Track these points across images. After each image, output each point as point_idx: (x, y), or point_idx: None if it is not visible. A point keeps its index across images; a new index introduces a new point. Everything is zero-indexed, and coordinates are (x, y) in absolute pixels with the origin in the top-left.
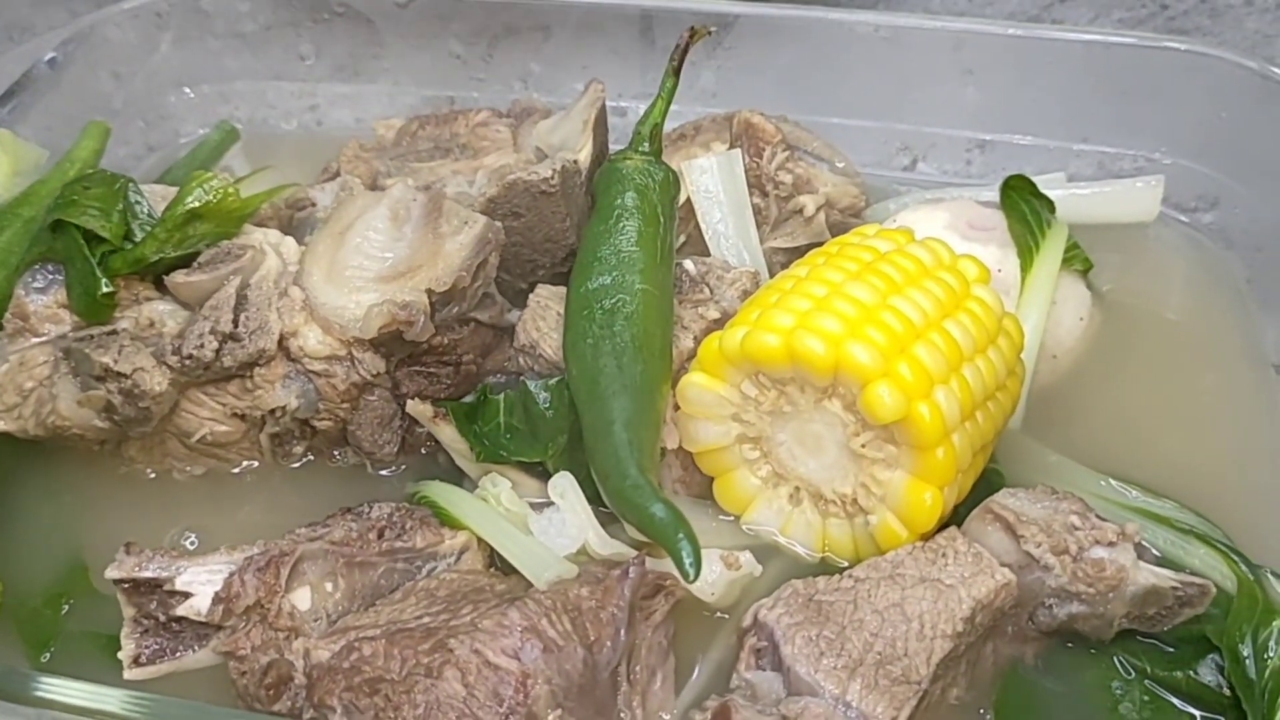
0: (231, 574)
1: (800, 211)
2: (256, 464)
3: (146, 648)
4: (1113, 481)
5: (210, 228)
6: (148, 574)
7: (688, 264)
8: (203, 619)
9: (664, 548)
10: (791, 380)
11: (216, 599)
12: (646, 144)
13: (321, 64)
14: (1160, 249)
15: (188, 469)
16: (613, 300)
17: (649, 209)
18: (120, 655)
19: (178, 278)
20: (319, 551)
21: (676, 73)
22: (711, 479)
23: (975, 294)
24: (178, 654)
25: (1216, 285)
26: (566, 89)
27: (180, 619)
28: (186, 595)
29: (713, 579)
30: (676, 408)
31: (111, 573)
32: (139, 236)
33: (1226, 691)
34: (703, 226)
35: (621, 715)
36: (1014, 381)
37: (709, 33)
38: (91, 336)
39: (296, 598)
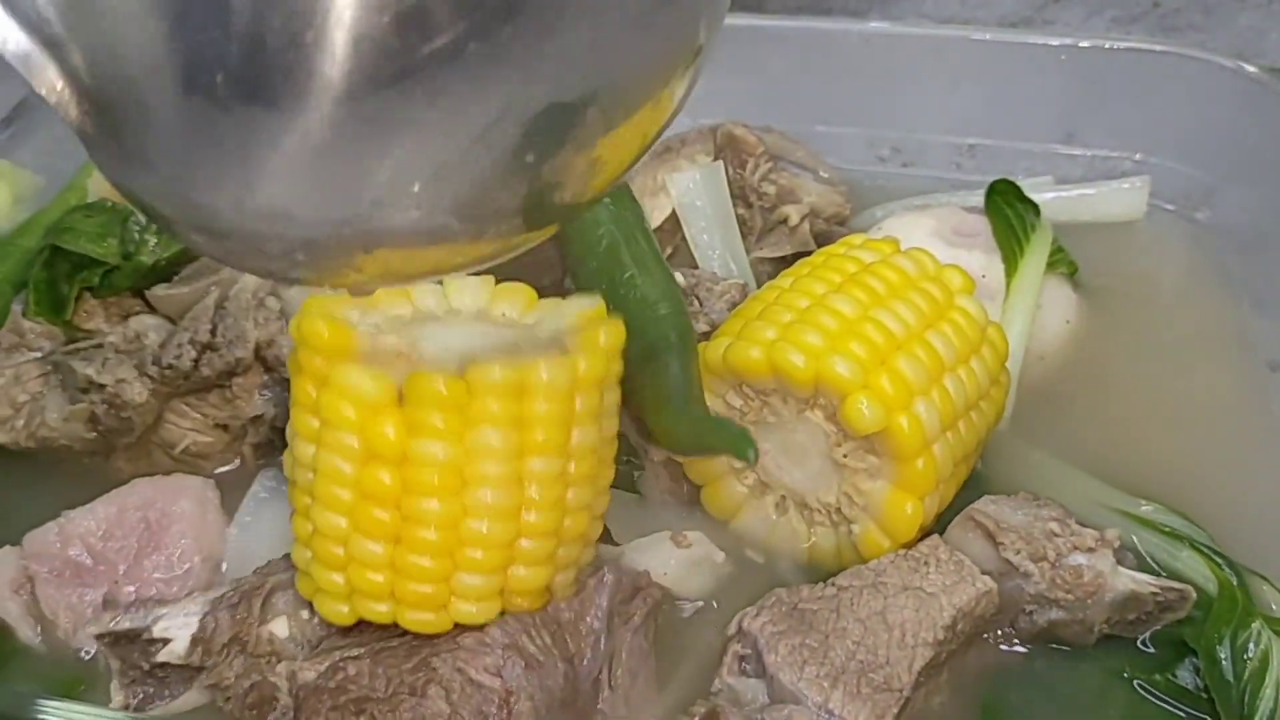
0: (205, 614)
1: (785, 221)
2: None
3: (135, 697)
4: (1098, 483)
5: None
6: (124, 626)
7: (677, 276)
8: (183, 662)
9: (724, 449)
10: (774, 391)
11: (194, 641)
12: None
13: None
14: (1150, 248)
15: None
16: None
17: (603, 211)
18: (111, 706)
19: (159, 291)
20: (290, 581)
21: None
22: (699, 490)
23: (959, 304)
24: (166, 698)
25: (1207, 284)
26: None
27: (164, 665)
28: (165, 641)
29: (664, 559)
30: None
31: (90, 629)
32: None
33: (1205, 694)
34: (689, 239)
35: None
36: (998, 390)
37: None
38: (79, 350)
39: (274, 627)
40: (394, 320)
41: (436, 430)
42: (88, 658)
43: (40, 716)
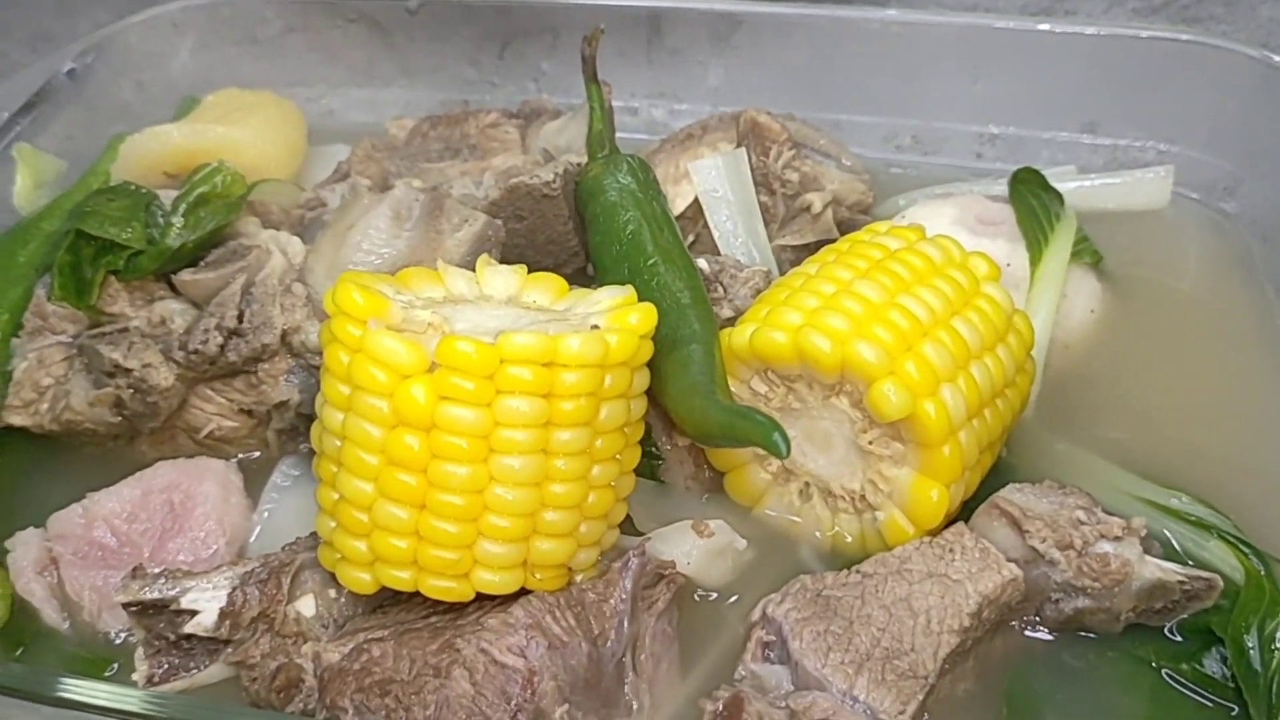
0: (234, 589)
1: (808, 209)
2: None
3: (159, 668)
4: (1124, 473)
5: (218, 208)
6: (153, 596)
7: (701, 263)
8: (211, 635)
9: (755, 442)
10: (800, 377)
11: (222, 614)
12: (601, 152)
13: (337, 69)
14: (1173, 238)
15: None
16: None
17: (628, 197)
18: (134, 677)
19: (185, 276)
20: (318, 560)
21: (594, 79)
22: (722, 476)
23: (985, 292)
24: (190, 671)
25: (1230, 274)
26: (578, 90)
27: (190, 637)
28: (193, 613)
29: (686, 548)
30: None
31: (118, 597)
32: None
33: (1231, 684)
34: (711, 226)
35: (630, 704)
36: (1024, 379)
37: (602, 31)
38: (104, 334)
39: (301, 605)
40: (427, 300)
41: (466, 395)
42: (116, 640)
43: (64, 695)
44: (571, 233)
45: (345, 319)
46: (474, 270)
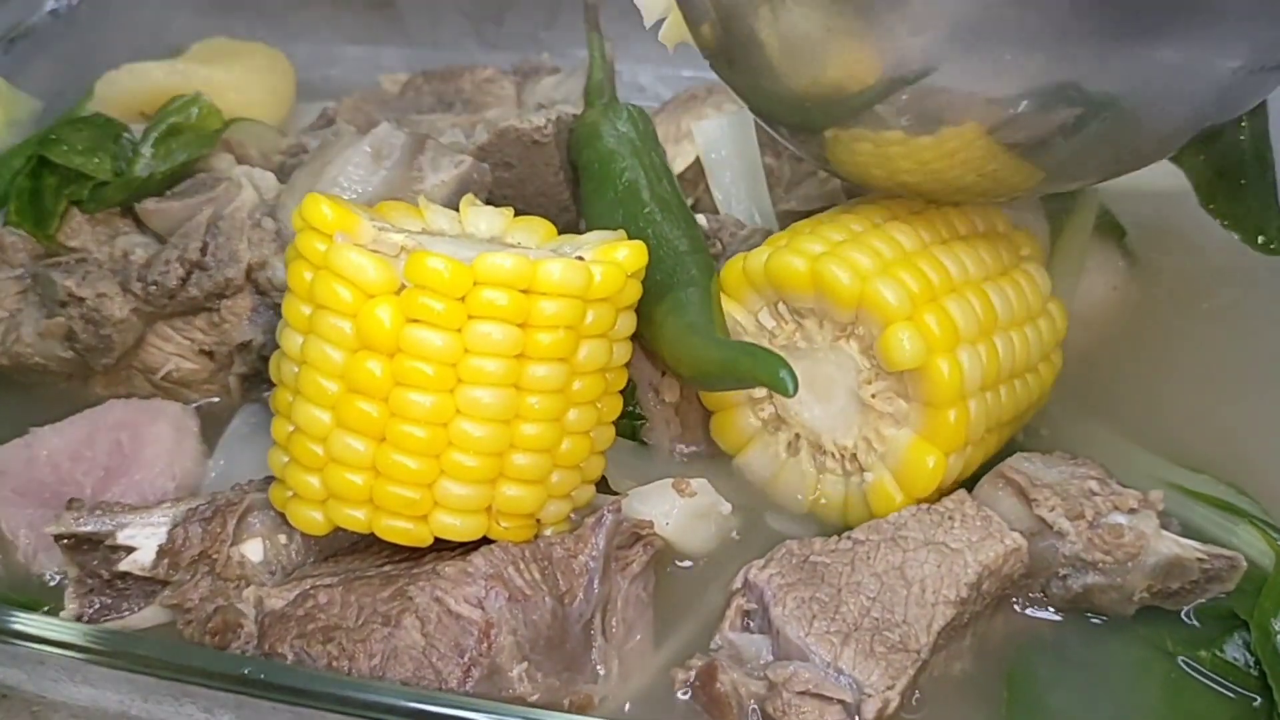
0: (175, 526)
1: (816, 173)
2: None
3: (90, 607)
4: (1144, 453)
5: (190, 140)
6: (87, 529)
7: (701, 219)
8: (147, 574)
9: (759, 379)
10: (812, 312)
11: (160, 552)
12: (599, 100)
13: (335, 28)
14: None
15: None
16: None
17: (625, 145)
18: (63, 615)
19: (149, 204)
20: (269, 501)
21: (596, 27)
22: (711, 443)
23: (1024, 268)
24: (123, 612)
25: (1261, 258)
26: (579, 57)
27: (125, 575)
28: (130, 550)
29: (666, 508)
30: None
31: (50, 529)
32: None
33: (1254, 671)
34: (713, 189)
35: (596, 670)
36: (1048, 369)
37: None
38: (60, 262)
39: (248, 549)
40: (403, 230)
41: (435, 317)
42: (50, 583)
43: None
44: (563, 185)
45: (311, 234)
46: (457, 211)
